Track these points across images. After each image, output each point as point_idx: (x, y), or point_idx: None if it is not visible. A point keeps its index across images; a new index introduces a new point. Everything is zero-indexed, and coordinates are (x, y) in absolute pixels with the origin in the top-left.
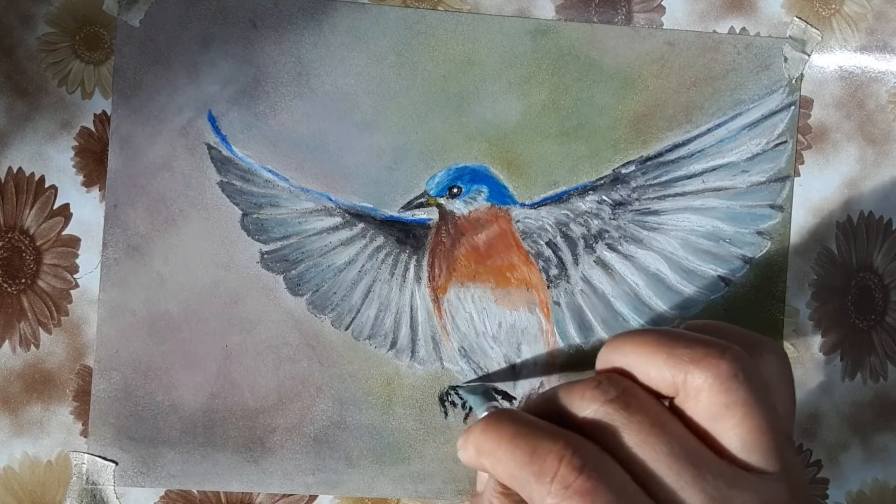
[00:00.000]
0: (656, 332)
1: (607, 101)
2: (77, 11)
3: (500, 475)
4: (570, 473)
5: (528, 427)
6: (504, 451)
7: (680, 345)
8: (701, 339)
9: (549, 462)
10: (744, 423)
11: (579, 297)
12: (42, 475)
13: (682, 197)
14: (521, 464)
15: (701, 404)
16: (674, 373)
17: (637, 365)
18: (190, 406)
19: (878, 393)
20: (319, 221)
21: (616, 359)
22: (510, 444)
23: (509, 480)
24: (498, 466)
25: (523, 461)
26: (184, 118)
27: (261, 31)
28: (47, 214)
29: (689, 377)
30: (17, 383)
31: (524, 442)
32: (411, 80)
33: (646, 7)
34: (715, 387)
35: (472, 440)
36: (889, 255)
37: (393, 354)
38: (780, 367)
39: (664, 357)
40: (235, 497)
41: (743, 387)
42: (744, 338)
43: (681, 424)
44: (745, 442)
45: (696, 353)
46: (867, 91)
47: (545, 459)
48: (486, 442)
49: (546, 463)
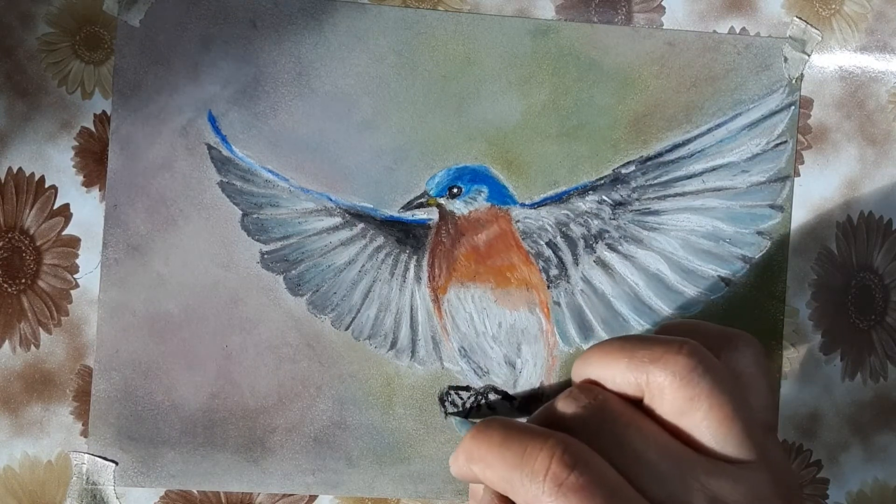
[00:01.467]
0: (619, 339)
1: (607, 102)
2: (77, 11)
3: (492, 480)
4: (563, 470)
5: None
6: (494, 454)
7: (640, 347)
8: (660, 338)
9: (540, 460)
10: (710, 415)
11: (579, 298)
12: (42, 475)
13: (682, 197)
14: (512, 465)
15: (666, 401)
16: (636, 375)
17: (603, 373)
18: (190, 406)
19: (878, 393)
20: (319, 221)
21: (586, 371)
22: (500, 446)
23: (502, 485)
24: (489, 471)
25: (514, 462)
26: (184, 118)
27: (261, 31)
28: (47, 214)
29: (650, 377)
30: (17, 383)
31: (514, 443)
32: (411, 80)
33: (646, 7)
34: (675, 382)
35: (462, 448)
36: (889, 255)
37: (393, 354)
38: (754, 358)
39: (626, 361)
40: (235, 497)
41: (704, 379)
42: (717, 332)
43: (652, 422)
44: (716, 433)
45: (654, 353)
46: (867, 91)
47: (536, 458)
48: (477, 447)
49: (537, 462)
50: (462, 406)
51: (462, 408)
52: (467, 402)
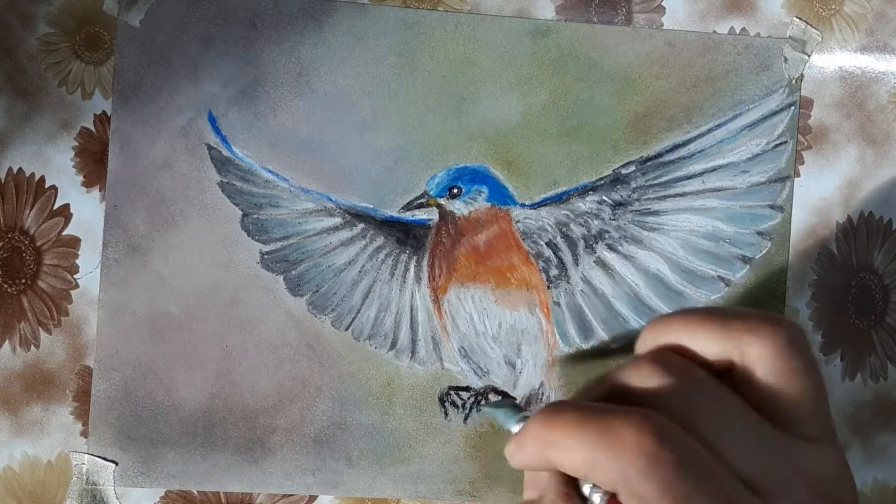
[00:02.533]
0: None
1: (607, 102)
2: (77, 12)
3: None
4: (653, 445)
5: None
6: (573, 437)
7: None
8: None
9: (628, 438)
10: (805, 391)
11: (579, 298)
12: (42, 475)
13: (682, 197)
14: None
15: (759, 374)
16: (729, 345)
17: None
18: (190, 406)
19: (878, 393)
20: (319, 222)
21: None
22: (579, 428)
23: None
24: (567, 454)
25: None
26: (184, 118)
27: (261, 31)
28: (47, 215)
29: (746, 347)
30: (18, 383)
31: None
32: (411, 81)
33: (646, 7)
34: (775, 354)
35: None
36: (889, 255)
37: (393, 355)
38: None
39: (717, 330)
40: (235, 497)
41: (803, 354)
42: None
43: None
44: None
45: (750, 324)
46: (867, 91)
47: (623, 436)
48: (551, 433)
49: (625, 439)
50: (462, 406)
51: (462, 408)
52: (467, 402)
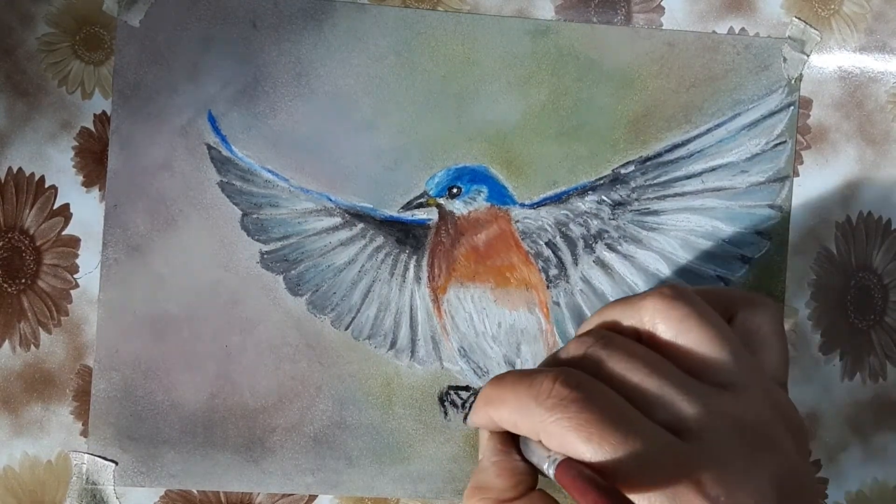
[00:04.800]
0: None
1: (607, 102)
2: (77, 11)
3: (504, 416)
4: (564, 389)
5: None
6: (508, 391)
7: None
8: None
9: (545, 385)
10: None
11: (579, 297)
12: (42, 475)
13: (681, 197)
14: (522, 395)
15: (660, 329)
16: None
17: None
18: (190, 406)
19: (878, 393)
20: (319, 221)
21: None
22: (513, 384)
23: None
24: (503, 408)
25: (524, 392)
26: (184, 118)
27: (261, 31)
28: (47, 214)
29: (643, 311)
30: (18, 383)
31: (525, 378)
32: (411, 80)
33: (645, 7)
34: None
35: (481, 396)
36: (888, 255)
37: (393, 354)
38: (770, 318)
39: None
40: (235, 497)
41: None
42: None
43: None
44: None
45: (642, 294)
46: (866, 91)
47: (542, 384)
48: (493, 389)
49: (542, 386)
50: (462, 406)
51: (462, 408)
52: (467, 401)
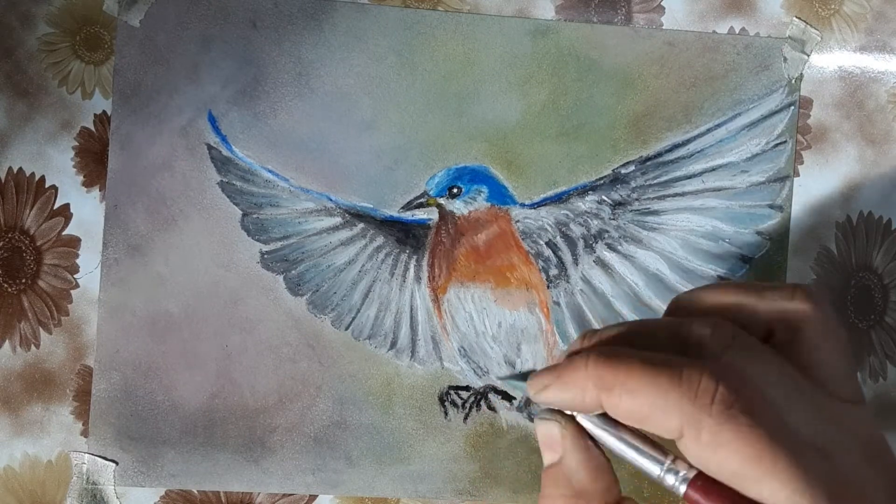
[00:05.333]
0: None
1: (607, 102)
2: (77, 12)
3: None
4: (730, 394)
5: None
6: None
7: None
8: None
9: (704, 383)
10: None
11: (579, 297)
12: (42, 475)
13: (681, 197)
14: (667, 389)
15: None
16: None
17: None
18: (190, 406)
19: (878, 393)
20: (319, 221)
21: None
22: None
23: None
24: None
25: (668, 386)
26: (184, 118)
27: (261, 31)
28: (47, 214)
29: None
30: (18, 383)
31: (665, 368)
32: (411, 80)
33: (645, 7)
34: (818, 315)
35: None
36: (888, 255)
37: (393, 354)
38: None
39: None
40: (235, 497)
41: (835, 315)
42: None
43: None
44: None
45: (784, 292)
46: (866, 91)
47: (699, 382)
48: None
49: (701, 384)
50: (462, 406)
51: (462, 407)
52: (467, 401)
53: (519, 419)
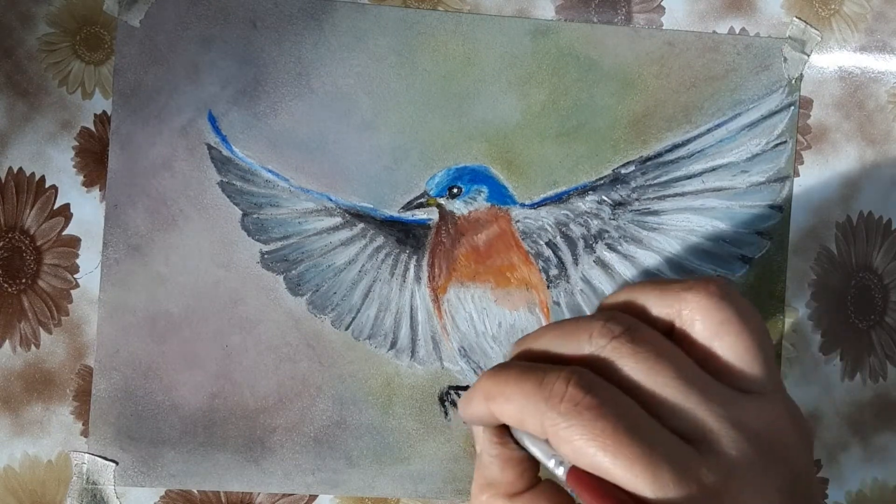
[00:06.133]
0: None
1: (607, 102)
2: (77, 12)
3: (507, 413)
4: (578, 393)
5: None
6: (512, 387)
7: (670, 281)
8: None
9: (557, 386)
10: (740, 339)
11: (579, 297)
12: (42, 475)
13: (681, 197)
14: (530, 393)
15: (697, 327)
16: (669, 302)
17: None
18: (190, 406)
19: (878, 393)
20: (319, 221)
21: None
22: (518, 379)
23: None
24: (506, 405)
25: (531, 390)
26: (184, 118)
27: (261, 31)
28: (48, 214)
29: (683, 304)
30: (18, 383)
31: (532, 375)
32: (411, 81)
33: (645, 7)
34: (710, 306)
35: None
36: (888, 255)
37: (393, 354)
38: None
39: (658, 291)
40: (235, 497)
41: (733, 305)
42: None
43: (683, 353)
44: (744, 358)
45: (685, 284)
46: (866, 91)
47: (553, 385)
48: (495, 384)
49: (554, 387)
50: None
51: None
52: None
53: None
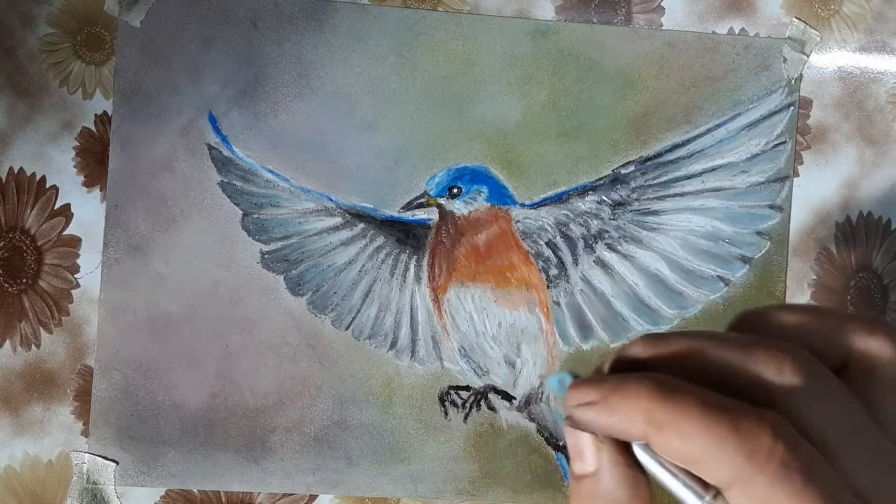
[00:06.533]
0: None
1: (607, 102)
2: (78, 12)
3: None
4: (786, 452)
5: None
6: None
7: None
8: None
9: (762, 440)
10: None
11: (579, 297)
12: (43, 475)
13: (681, 197)
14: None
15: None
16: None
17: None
18: (191, 406)
19: None
20: (320, 221)
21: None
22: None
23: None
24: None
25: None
26: (184, 119)
27: (261, 31)
28: (48, 214)
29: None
30: (18, 383)
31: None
32: (411, 81)
33: (645, 8)
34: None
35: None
36: (888, 255)
37: (393, 354)
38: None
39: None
40: (236, 496)
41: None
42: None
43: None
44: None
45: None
46: (866, 91)
47: (757, 437)
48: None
49: (760, 440)
50: (462, 406)
51: (462, 407)
52: (467, 401)
53: (519, 419)
